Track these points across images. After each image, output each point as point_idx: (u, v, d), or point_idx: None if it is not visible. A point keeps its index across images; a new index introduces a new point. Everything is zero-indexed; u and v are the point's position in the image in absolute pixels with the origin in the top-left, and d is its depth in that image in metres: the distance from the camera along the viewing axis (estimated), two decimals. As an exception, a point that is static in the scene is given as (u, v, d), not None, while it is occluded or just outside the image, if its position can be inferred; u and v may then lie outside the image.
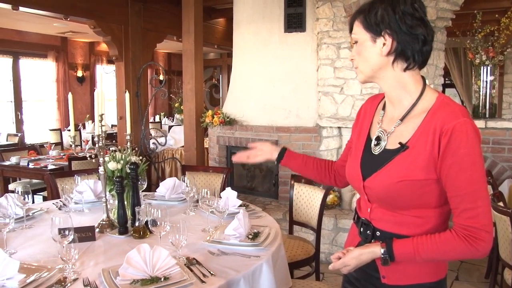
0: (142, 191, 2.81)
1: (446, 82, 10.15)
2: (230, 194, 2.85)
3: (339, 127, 4.72)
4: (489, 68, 4.93)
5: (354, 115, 4.63)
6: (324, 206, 3.28)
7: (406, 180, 1.39)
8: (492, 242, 1.34)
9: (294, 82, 5.05)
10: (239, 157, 1.99)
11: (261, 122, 5.14)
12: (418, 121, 1.42)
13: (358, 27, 1.45)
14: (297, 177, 3.61)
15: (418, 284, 1.48)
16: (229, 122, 5.29)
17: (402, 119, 1.46)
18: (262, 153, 1.95)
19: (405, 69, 1.43)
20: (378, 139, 1.52)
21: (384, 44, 1.40)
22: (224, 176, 3.90)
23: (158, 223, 2.10)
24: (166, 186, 3.24)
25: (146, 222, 2.23)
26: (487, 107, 4.98)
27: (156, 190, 3.30)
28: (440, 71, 4.92)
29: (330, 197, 4.60)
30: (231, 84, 5.77)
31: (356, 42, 1.48)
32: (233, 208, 2.78)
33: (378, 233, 1.52)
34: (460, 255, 1.39)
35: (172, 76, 14.00)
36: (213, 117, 5.34)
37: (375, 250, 1.44)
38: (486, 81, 4.96)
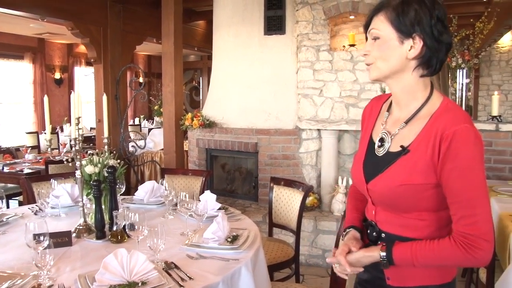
0: (121, 195, 2.78)
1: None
2: (209, 197, 2.84)
3: (318, 129, 4.75)
4: (464, 71, 5.00)
5: (333, 118, 4.68)
6: (303, 208, 3.29)
7: (406, 185, 1.38)
8: (493, 251, 1.32)
9: (274, 85, 5.06)
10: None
11: (241, 125, 5.13)
12: (421, 125, 1.41)
13: (383, 23, 1.39)
14: (276, 179, 3.61)
15: (422, 286, 1.48)
16: (208, 124, 5.27)
17: (407, 122, 1.45)
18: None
19: (422, 76, 1.42)
20: (382, 140, 1.51)
21: (411, 47, 1.37)
22: (204, 179, 3.88)
23: (136, 227, 2.08)
24: (145, 190, 3.22)
25: (124, 226, 2.20)
26: (463, 109, 5.06)
27: (135, 194, 3.27)
28: (417, 74, 4.98)
29: (310, 199, 4.62)
30: (210, 87, 5.76)
31: (375, 38, 1.41)
32: (212, 211, 2.77)
33: (383, 235, 1.52)
34: (457, 263, 1.39)
35: (152, 79, 13.90)
36: (192, 120, 5.31)
37: (375, 255, 1.44)
38: (462, 84, 5.04)
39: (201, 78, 14.59)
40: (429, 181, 1.36)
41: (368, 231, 1.58)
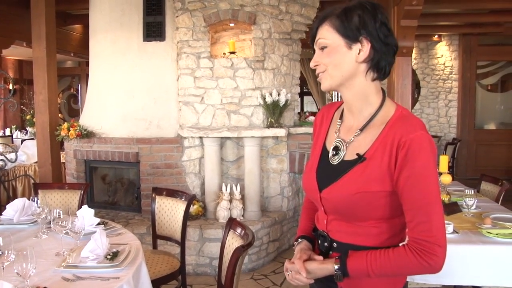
0: (-15, 216, 2.54)
1: (304, 90, 10.83)
2: (86, 213, 2.71)
3: (200, 137, 4.73)
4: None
5: (215, 124, 4.70)
6: (187, 217, 3.27)
7: (362, 192, 1.38)
8: (445, 256, 1.33)
9: (155, 92, 4.96)
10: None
11: (121, 134, 4.95)
12: (377, 132, 1.41)
13: (328, 32, 1.40)
14: (158, 189, 3.55)
15: None
16: (86, 134, 5.01)
17: (362, 129, 1.45)
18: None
19: (374, 79, 1.43)
20: (337, 149, 1.50)
21: (360, 50, 1.38)
22: (82, 192, 3.68)
23: (1, 252, 1.90)
24: (15, 208, 3.00)
25: (-13, 252, 2.01)
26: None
27: (3, 213, 3.03)
28: (296, 81, 5.21)
29: (195, 208, 4.59)
30: (88, 95, 5.49)
31: (323, 48, 1.42)
32: (90, 228, 2.66)
33: (335, 245, 1.50)
34: (412, 271, 1.39)
35: (23, 86, 12.91)
36: (69, 130, 5.02)
37: (329, 267, 1.43)
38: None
39: (79, 85, 13.87)
40: (385, 189, 1.37)
41: (319, 242, 1.56)
